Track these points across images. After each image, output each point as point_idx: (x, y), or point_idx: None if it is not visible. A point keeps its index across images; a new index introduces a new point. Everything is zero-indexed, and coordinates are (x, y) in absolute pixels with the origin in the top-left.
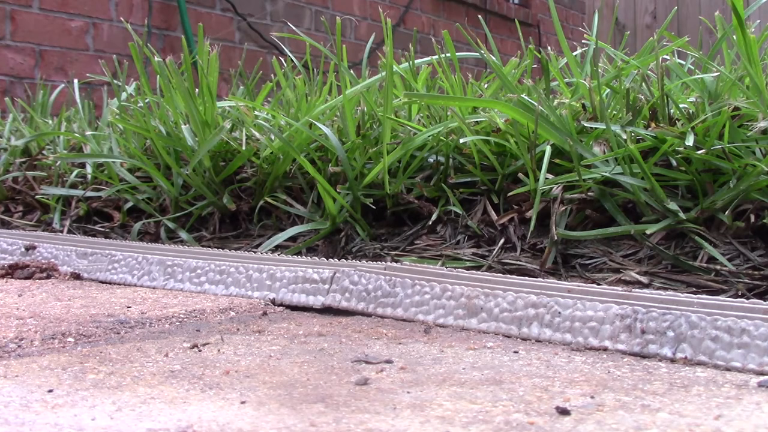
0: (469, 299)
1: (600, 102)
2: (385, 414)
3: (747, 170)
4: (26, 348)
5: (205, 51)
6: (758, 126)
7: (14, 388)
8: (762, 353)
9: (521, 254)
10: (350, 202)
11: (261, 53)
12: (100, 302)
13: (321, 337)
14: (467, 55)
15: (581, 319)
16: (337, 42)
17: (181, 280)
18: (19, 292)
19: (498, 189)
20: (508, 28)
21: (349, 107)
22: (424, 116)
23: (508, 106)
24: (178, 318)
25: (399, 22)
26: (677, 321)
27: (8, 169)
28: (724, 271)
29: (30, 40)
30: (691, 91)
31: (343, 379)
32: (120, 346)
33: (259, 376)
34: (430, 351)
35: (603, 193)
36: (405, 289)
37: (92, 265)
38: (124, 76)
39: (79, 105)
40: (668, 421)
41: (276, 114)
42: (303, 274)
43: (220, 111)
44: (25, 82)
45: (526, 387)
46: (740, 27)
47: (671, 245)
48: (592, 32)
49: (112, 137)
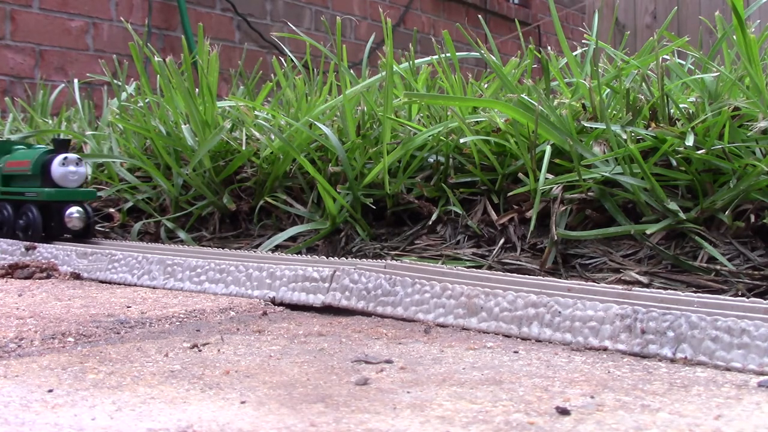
0: (469, 298)
1: (600, 102)
2: (385, 414)
3: (747, 170)
4: (26, 348)
5: (205, 51)
6: (758, 126)
7: (14, 388)
8: (762, 353)
9: (521, 254)
10: (350, 202)
11: (261, 53)
12: (100, 302)
13: (321, 337)
14: (467, 55)
15: (581, 318)
16: (337, 42)
17: (181, 280)
18: (19, 292)
19: (498, 189)
20: (508, 28)
21: (349, 107)
22: (424, 116)
23: (508, 106)
24: (178, 318)
25: (399, 22)
26: (677, 321)
27: None
28: (724, 271)
29: (30, 40)
30: (691, 91)
31: (343, 379)
32: (120, 346)
33: (259, 376)
34: (430, 351)
35: (603, 193)
36: (405, 288)
37: (92, 265)
38: (124, 76)
39: (79, 105)
40: (668, 421)
41: (276, 114)
42: (303, 272)
43: (220, 111)
44: (25, 82)
45: (526, 387)
46: (740, 27)
47: (671, 245)
48: (592, 32)
49: (112, 137)
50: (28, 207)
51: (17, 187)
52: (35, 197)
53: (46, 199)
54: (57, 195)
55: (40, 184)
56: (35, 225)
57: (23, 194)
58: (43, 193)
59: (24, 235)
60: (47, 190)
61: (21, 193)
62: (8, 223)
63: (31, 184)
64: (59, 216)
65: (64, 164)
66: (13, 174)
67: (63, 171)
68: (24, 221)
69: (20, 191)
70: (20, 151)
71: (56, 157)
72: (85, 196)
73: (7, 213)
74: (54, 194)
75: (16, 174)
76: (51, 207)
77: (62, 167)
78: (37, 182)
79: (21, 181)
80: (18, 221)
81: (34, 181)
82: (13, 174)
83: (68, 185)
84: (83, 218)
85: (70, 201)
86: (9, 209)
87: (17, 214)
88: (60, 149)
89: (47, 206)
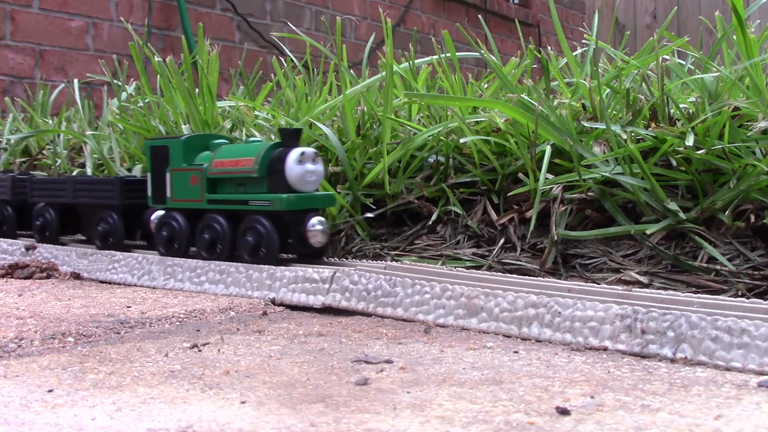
0: (470, 299)
1: (600, 102)
2: (385, 414)
3: (747, 170)
4: (26, 348)
5: (205, 51)
6: (758, 126)
7: (14, 388)
8: (762, 353)
9: (521, 254)
10: (350, 201)
11: (261, 53)
12: (100, 302)
13: (321, 337)
14: (467, 55)
15: (581, 319)
16: (337, 42)
17: (181, 280)
18: (19, 292)
19: (498, 189)
20: (508, 28)
21: (349, 107)
22: (424, 116)
23: (508, 106)
24: (178, 318)
25: (399, 22)
26: (677, 321)
27: (8, 168)
28: (724, 271)
29: (30, 40)
30: (691, 91)
31: (343, 379)
32: (120, 346)
33: (259, 376)
34: (430, 351)
35: (603, 193)
36: (405, 289)
37: (92, 265)
38: (124, 76)
39: (79, 105)
40: (668, 421)
41: (276, 114)
42: (303, 273)
43: (220, 111)
44: (25, 81)
45: (526, 387)
46: (740, 27)
47: (671, 245)
48: (592, 32)
49: (112, 137)
50: (254, 219)
51: (232, 193)
52: (267, 206)
53: (286, 209)
54: (298, 202)
55: (269, 188)
56: (271, 243)
57: (246, 202)
58: (281, 201)
59: (253, 257)
60: (286, 196)
61: (241, 201)
62: (223, 240)
63: (254, 188)
64: (297, 229)
65: (301, 161)
66: (226, 177)
67: (300, 171)
68: (253, 238)
69: (239, 198)
70: (229, 147)
71: (290, 152)
72: (326, 202)
73: (221, 228)
74: (294, 201)
75: (230, 177)
76: (285, 218)
77: (299, 165)
78: (262, 186)
79: (234, 186)
80: (246, 238)
81: (258, 185)
82: (226, 177)
83: (306, 189)
84: (327, 232)
85: (309, 210)
86: (223, 223)
87: (235, 229)
88: (290, 142)
89: (279, 217)
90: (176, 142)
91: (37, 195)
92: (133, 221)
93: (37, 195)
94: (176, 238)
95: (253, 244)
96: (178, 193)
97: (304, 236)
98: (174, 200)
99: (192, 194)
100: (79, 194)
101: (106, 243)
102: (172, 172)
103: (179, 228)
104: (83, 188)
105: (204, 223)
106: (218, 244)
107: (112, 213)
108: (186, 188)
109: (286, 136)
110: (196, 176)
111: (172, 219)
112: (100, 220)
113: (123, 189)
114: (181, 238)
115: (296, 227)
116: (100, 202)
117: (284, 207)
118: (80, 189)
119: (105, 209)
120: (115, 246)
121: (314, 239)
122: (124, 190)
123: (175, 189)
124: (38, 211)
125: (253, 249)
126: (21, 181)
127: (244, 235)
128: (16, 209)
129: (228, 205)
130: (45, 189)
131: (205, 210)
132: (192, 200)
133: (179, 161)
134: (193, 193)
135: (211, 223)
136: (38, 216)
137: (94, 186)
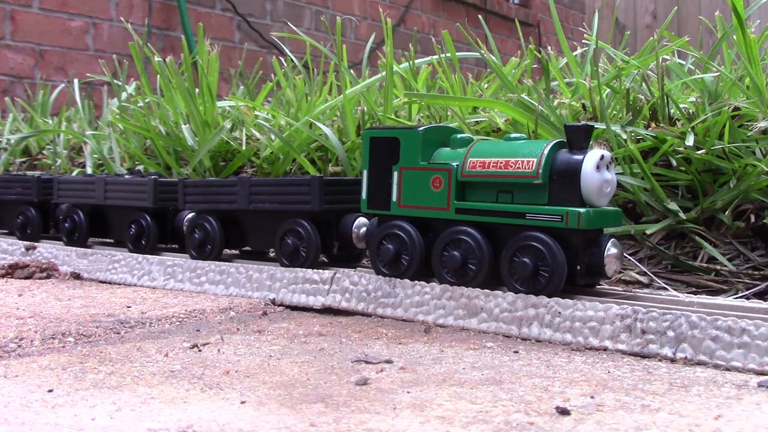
0: (470, 299)
1: (600, 102)
2: (385, 414)
3: (747, 170)
4: (26, 348)
5: (205, 51)
6: (758, 126)
7: (14, 388)
8: (762, 353)
9: None
10: None
11: (261, 53)
12: (100, 302)
13: (321, 337)
14: (467, 55)
15: (581, 319)
16: (338, 42)
17: (181, 280)
18: (19, 292)
19: None
20: (508, 28)
21: (349, 107)
22: (424, 116)
23: (508, 106)
24: (178, 318)
25: (399, 22)
26: (677, 321)
27: (8, 168)
28: (724, 271)
29: (30, 40)
30: (691, 91)
31: (343, 379)
32: (120, 346)
33: (259, 376)
34: (430, 351)
35: None
36: (405, 290)
37: (92, 265)
38: (124, 76)
39: (79, 105)
40: (668, 421)
41: (276, 114)
42: (303, 274)
43: (220, 111)
44: (25, 81)
45: (526, 387)
46: (740, 27)
47: (671, 245)
48: (592, 32)
49: (112, 137)
50: (532, 237)
51: (492, 202)
52: (557, 222)
53: (585, 227)
54: (596, 220)
55: (550, 198)
56: (557, 268)
57: (521, 215)
58: (577, 217)
59: (529, 286)
60: (585, 211)
61: (514, 213)
62: (480, 260)
63: (527, 197)
64: (590, 253)
65: (599, 169)
66: (488, 181)
67: (599, 180)
68: (531, 261)
69: (510, 210)
70: (486, 144)
71: (587, 155)
72: (616, 220)
73: (476, 244)
74: (594, 219)
75: (494, 181)
76: (574, 239)
77: (597, 173)
78: (541, 196)
79: (493, 193)
80: (521, 260)
81: (535, 194)
82: (488, 181)
83: (602, 203)
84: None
85: (599, 230)
86: (479, 239)
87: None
88: (579, 141)
89: (566, 237)
90: (412, 134)
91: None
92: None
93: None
94: (407, 255)
95: (531, 269)
96: (411, 198)
97: (600, 262)
98: (403, 206)
99: (432, 200)
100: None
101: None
102: (403, 170)
103: (411, 242)
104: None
105: (448, 237)
106: (469, 264)
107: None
108: (423, 192)
109: (575, 133)
110: (442, 178)
111: (400, 230)
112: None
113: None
114: (413, 254)
115: (587, 250)
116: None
117: (583, 225)
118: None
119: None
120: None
121: (609, 267)
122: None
123: (406, 192)
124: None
125: (531, 275)
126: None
127: (514, 257)
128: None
129: (489, 216)
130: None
131: (450, 221)
132: (431, 207)
133: (415, 158)
134: (434, 200)
135: (461, 237)
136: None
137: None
